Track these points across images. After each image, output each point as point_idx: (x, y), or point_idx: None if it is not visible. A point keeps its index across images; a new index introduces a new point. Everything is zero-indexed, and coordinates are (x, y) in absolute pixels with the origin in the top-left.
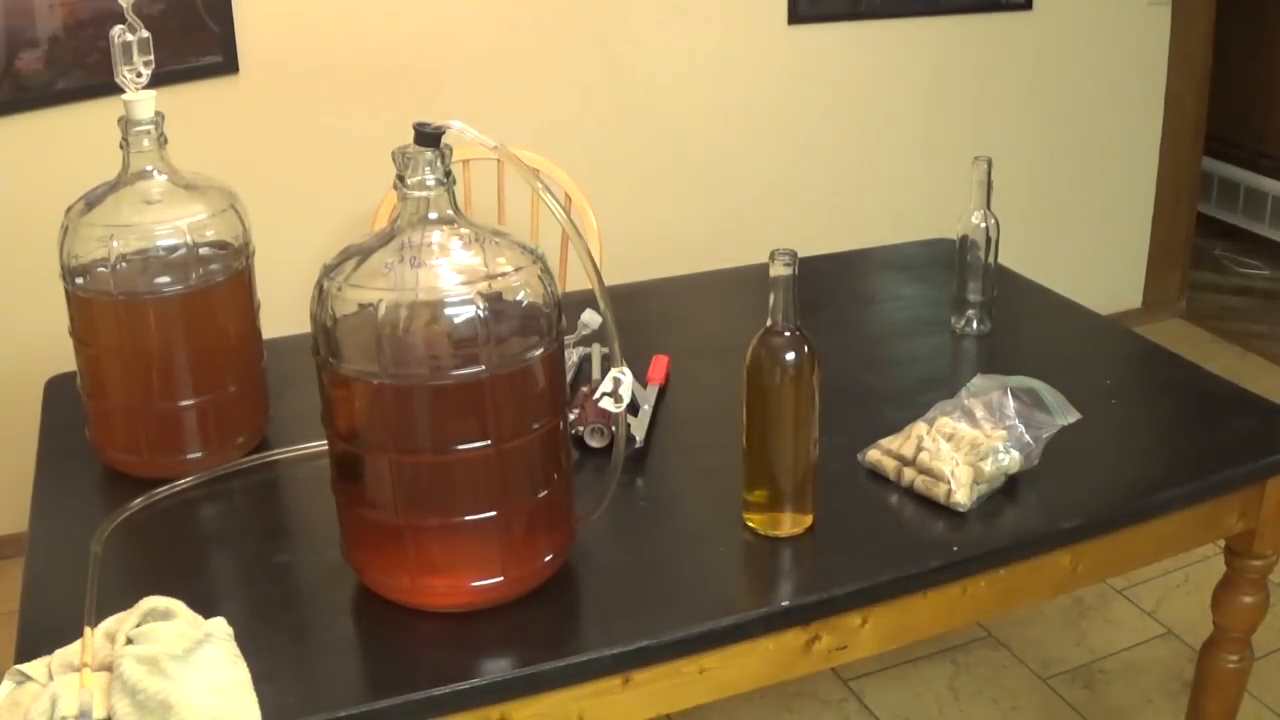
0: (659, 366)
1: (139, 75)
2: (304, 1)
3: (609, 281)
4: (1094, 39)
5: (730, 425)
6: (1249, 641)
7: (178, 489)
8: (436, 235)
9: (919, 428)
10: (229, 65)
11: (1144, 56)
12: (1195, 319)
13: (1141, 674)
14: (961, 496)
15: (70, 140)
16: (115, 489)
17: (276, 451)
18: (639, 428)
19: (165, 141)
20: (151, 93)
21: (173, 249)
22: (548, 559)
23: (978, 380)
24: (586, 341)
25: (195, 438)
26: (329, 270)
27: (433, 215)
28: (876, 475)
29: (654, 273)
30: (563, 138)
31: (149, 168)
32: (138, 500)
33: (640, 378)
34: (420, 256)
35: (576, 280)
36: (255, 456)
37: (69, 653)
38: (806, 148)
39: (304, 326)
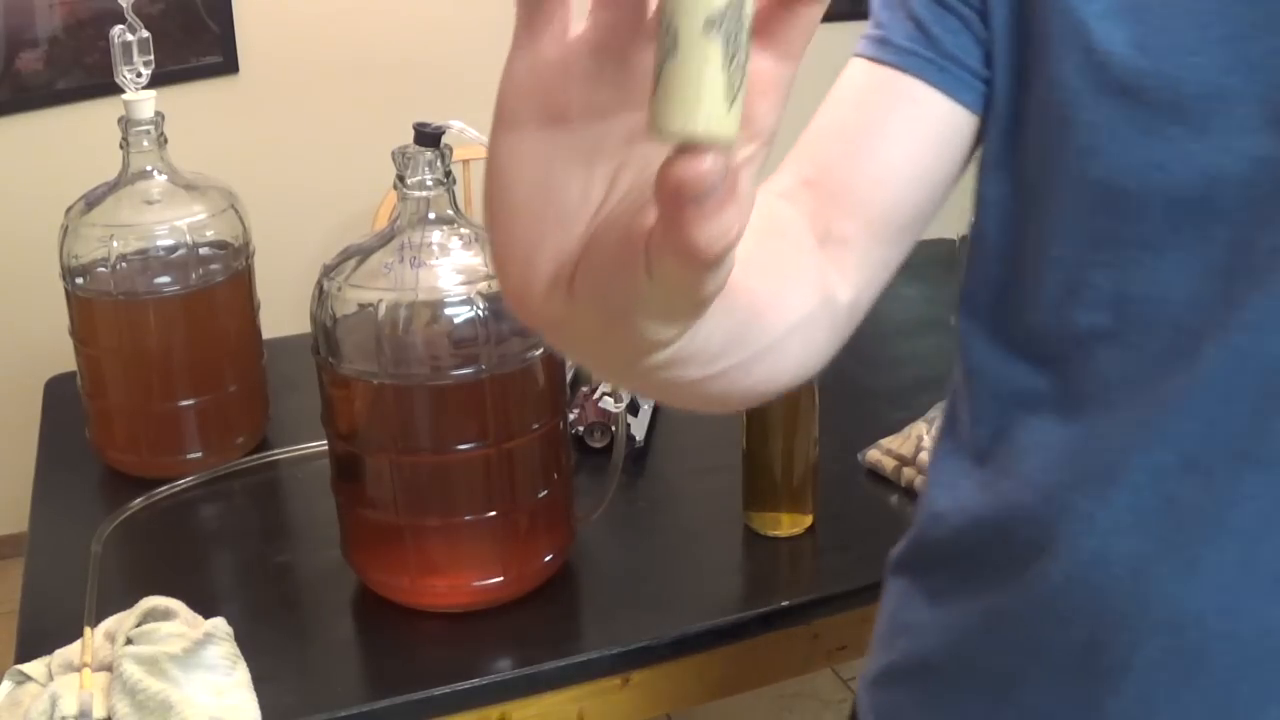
0: None
1: (139, 75)
2: (304, 1)
3: None
4: None
5: (730, 425)
6: None
7: (178, 489)
8: (436, 235)
9: (919, 428)
10: (229, 65)
11: None
12: None
13: None
14: None
15: (70, 140)
16: (115, 489)
17: (276, 451)
18: (639, 428)
19: (165, 141)
20: (151, 93)
21: (173, 249)
22: (548, 559)
23: None
24: None
25: (195, 438)
26: (329, 270)
27: (432, 215)
28: (876, 475)
29: None
30: None
31: (149, 168)
32: (138, 500)
33: None
34: (420, 256)
35: None
36: (255, 456)
37: (69, 653)
38: None
39: (304, 326)
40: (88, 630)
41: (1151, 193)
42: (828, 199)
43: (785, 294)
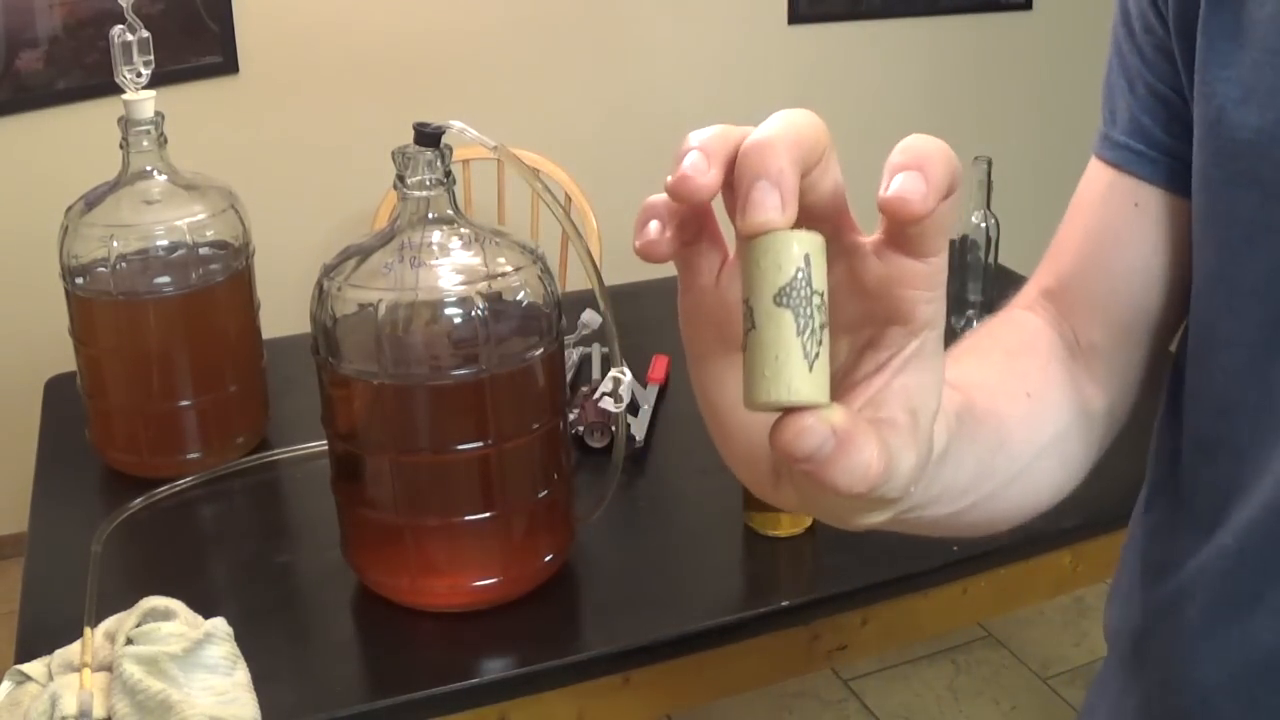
0: (659, 366)
1: (139, 75)
2: (304, 1)
3: (609, 281)
4: (1094, 39)
5: None
6: None
7: (178, 489)
8: (436, 235)
9: None
10: (229, 65)
11: None
12: None
13: None
14: None
15: (70, 140)
16: (115, 489)
17: (276, 451)
18: (639, 428)
19: (165, 141)
20: (151, 93)
21: (173, 249)
22: (548, 559)
23: None
24: (586, 341)
25: (195, 438)
26: (329, 270)
27: (432, 215)
28: None
29: (654, 273)
30: (563, 138)
31: (149, 168)
32: (138, 500)
33: (640, 378)
34: (420, 256)
35: (576, 280)
36: (255, 456)
37: (69, 653)
38: None
39: (304, 326)
40: (88, 630)
41: None
42: (1068, 309)
43: (1035, 415)
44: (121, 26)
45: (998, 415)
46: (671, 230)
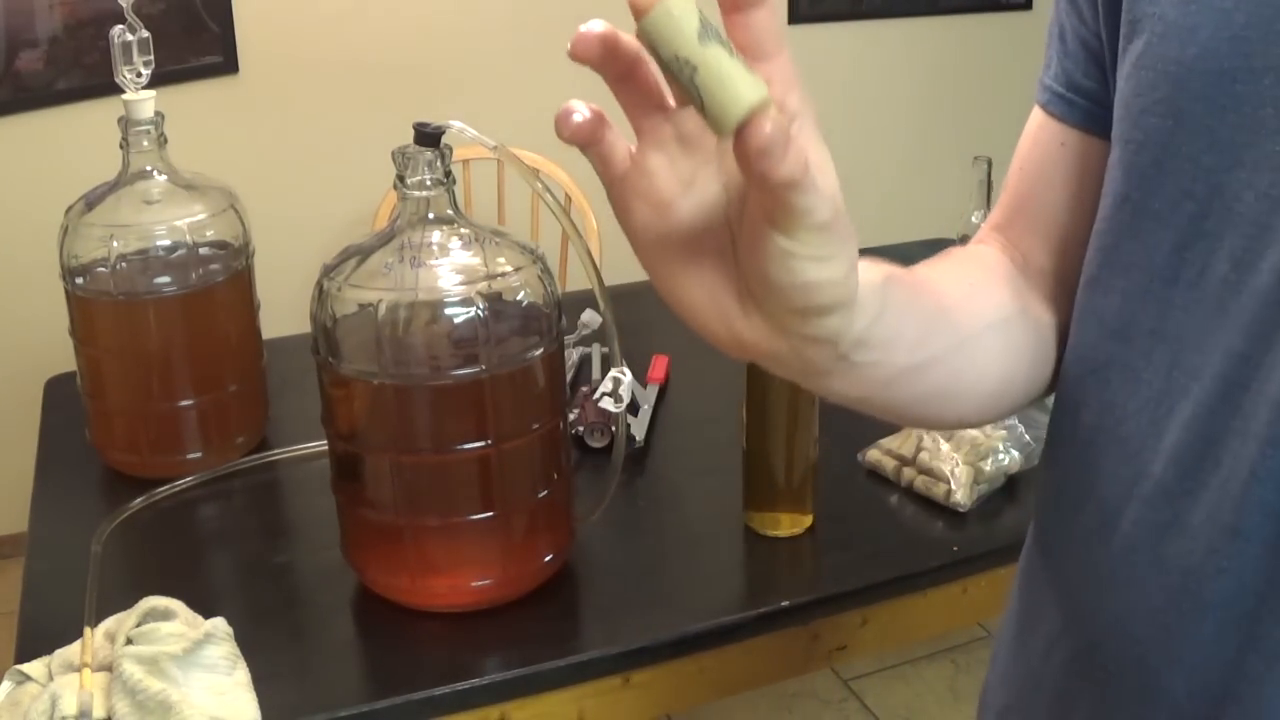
0: (659, 366)
1: (139, 75)
2: (304, 1)
3: (609, 281)
4: None
5: (730, 425)
6: None
7: (178, 489)
8: (436, 235)
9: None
10: (229, 65)
11: None
12: None
13: None
14: (961, 496)
15: (70, 140)
16: (115, 489)
17: (276, 451)
18: (639, 428)
19: (165, 141)
20: (151, 93)
21: (173, 249)
22: (547, 559)
23: None
24: (586, 341)
25: (195, 438)
26: (329, 270)
27: (432, 215)
28: (876, 475)
29: None
30: None
31: (149, 168)
32: (138, 500)
33: (640, 378)
34: (420, 256)
35: (576, 280)
36: (255, 456)
37: (69, 653)
38: None
39: (304, 326)
40: (88, 630)
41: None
42: (1016, 239)
43: (975, 298)
44: (121, 26)
45: (937, 289)
46: (591, 115)
